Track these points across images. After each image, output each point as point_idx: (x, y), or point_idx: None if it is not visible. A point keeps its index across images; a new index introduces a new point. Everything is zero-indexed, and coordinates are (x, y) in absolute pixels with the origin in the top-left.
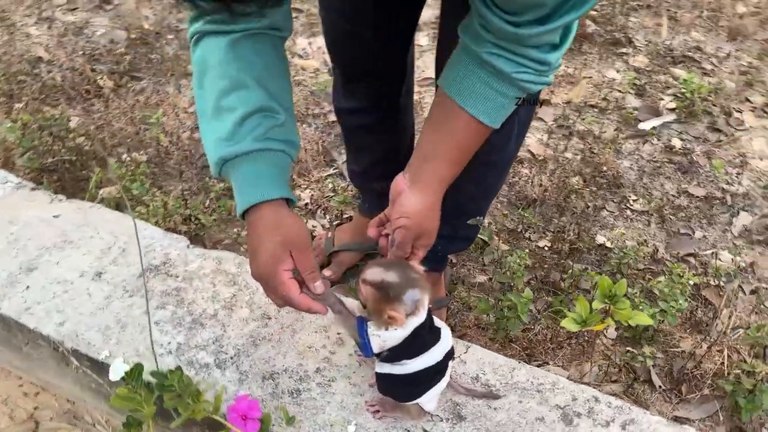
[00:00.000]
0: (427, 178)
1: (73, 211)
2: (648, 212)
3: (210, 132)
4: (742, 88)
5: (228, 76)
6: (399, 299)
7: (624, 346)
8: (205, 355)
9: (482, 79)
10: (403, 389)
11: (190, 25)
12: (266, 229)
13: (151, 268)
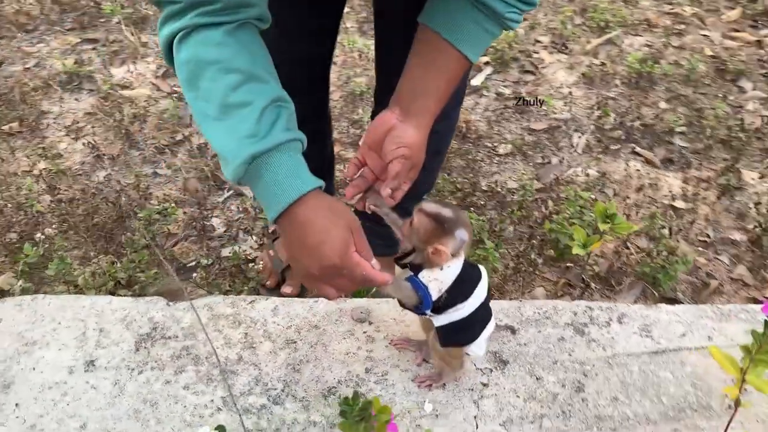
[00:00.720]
0: (421, 112)
1: (14, 310)
2: (512, 153)
3: (224, 133)
4: (529, 32)
5: (235, 69)
6: (451, 233)
7: (552, 265)
8: (255, 398)
9: (474, 19)
10: (465, 333)
11: (168, 25)
12: (328, 217)
13: (144, 338)
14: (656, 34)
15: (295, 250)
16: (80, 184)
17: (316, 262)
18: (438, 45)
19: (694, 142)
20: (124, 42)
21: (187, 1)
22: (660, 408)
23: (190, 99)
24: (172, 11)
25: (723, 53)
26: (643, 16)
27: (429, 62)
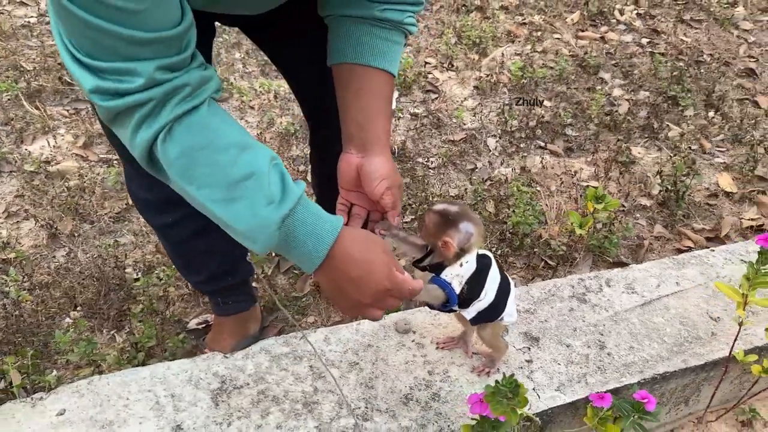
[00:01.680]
0: (375, 140)
1: (74, 398)
2: (443, 164)
3: (241, 211)
4: (417, 56)
5: (225, 145)
6: (456, 226)
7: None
8: (345, 420)
9: (380, 36)
10: (493, 312)
11: (143, 129)
12: (366, 247)
13: (217, 392)
14: (520, 43)
15: (342, 286)
16: (45, 266)
17: (367, 292)
18: (361, 73)
19: (582, 130)
20: (27, 118)
21: (157, 98)
22: (666, 346)
23: (190, 191)
24: (144, 114)
25: (579, 51)
26: (504, 29)
27: (360, 92)
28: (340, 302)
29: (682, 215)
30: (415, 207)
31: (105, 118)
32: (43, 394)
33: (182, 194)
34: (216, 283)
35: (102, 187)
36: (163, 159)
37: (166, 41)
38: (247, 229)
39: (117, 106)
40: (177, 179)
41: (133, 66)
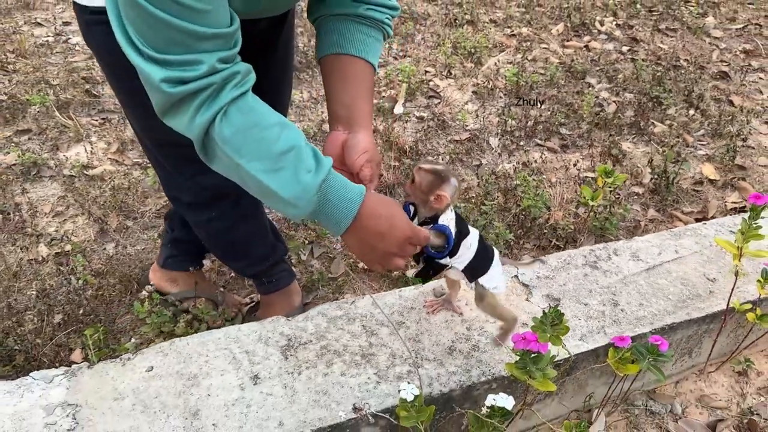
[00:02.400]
0: (359, 118)
1: (158, 356)
2: (451, 161)
3: (287, 178)
4: (418, 66)
5: (270, 124)
6: (448, 181)
7: (525, 239)
8: (399, 368)
9: (362, 31)
10: (482, 263)
11: (203, 111)
12: (385, 204)
13: (285, 348)
14: (511, 52)
15: (371, 241)
16: (97, 258)
17: (393, 242)
18: (346, 62)
19: (575, 129)
20: (59, 127)
21: (217, 83)
22: (671, 303)
23: (242, 164)
24: (206, 96)
25: (566, 59)
26: (495, 40)
27: (346, 78)
28: (370, 257)
29: (672, 200)
30: None
31: (165, 106)
32: (131, 355)
33: (231, 171)
34: (257, 266)
35: (141, 187)
36: (218, 137)
37: (225, 37)
38: (291, 195)
39: (183, 91)
40: (231, 154)
41: (198, 57)
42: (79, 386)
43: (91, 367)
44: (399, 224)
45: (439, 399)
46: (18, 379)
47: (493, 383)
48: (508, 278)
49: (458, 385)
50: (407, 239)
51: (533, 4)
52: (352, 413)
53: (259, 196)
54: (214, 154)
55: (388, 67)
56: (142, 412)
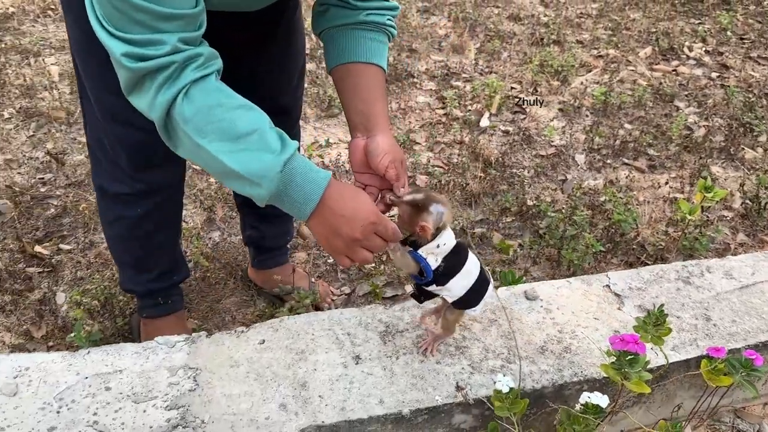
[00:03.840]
0: (376, 122)
1: (270, 331)
2: (536, 174)
3: (249, 158)
4: (504, 82)
5: (235, 105)
6: (427, 210)
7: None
8: (492, 361)
9: (367, 37)
10: (474, 296)
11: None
12: (352, 189)
13: (384, 334)
14: (597, 73)
15: (334, 226)
16: (203, 244)
17: (357, 226)
18: (356, 70)
19: (662, 151)
20: None
21: (178, 62)
22: (764, 322)
23: (203, 145)
24: (166, 76)
25: (654, 82)
26: (582, 60)
27: (358, 86)
28: (334, 244)
29: (763, 225)
30: (516, 208)
31: (129, 83)
32: (244, 328)
33: (194, 154)
34: (164, 280)
35: None
36: (179, 117)
37: (187, 18)
38: (254, 173)
39: (143, 68)
40: (193, 134)
41: (159, 37)
42: (198, 352)
43: (209, 336)
44: (363, 208)
45: (531, 395)
46: (144, 342)
47: (584, 384)
48: (600, 286)
49: (550, 383)
50: (372, 225)
51: (620, 27)
52: (447, 398)
53: (223, 178)
54: (176, 136)
55: (474, 81)
56: (255, 379)
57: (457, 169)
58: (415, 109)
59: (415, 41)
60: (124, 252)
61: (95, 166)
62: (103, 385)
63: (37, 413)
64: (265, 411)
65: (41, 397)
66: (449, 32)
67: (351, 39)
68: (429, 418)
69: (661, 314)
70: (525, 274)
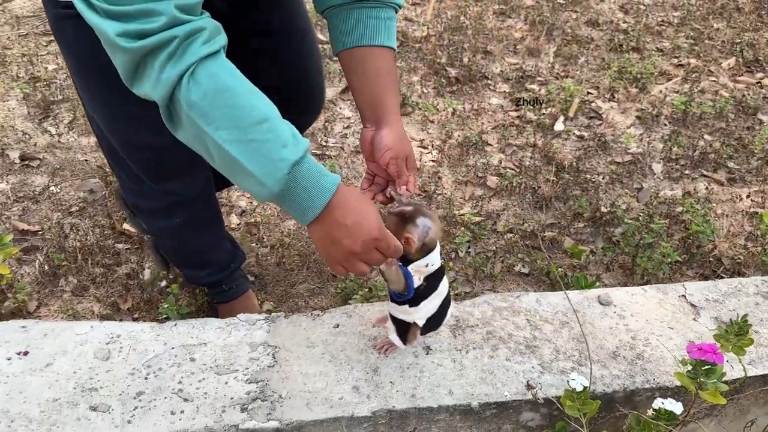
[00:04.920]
0: (385, 114)
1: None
2: (611, 181)
3: (256, 151)
4: (581, 87)
5: (245, 91)
6: (413, 222)
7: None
8: (562, 363)
9: (370, 16)
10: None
11: (169, 67)
12: (359, 199)
13: (454, 327)
14: (678, 82)
15: (335, 235)
16: (278, 232)
17: (358, 239)
18: (362, 55)
19: (743, 164)
20: None
21: (181, 37)
22: None
23: (209, 132)
24: (170, 52)
25: (737, 94)
26: (662, 69)
27: (366, 74)
28: (332, 253)
29: None
30: (589, 214)
31: (129, 68)
32: (319, 311)
33: (196, 141)
34: (219, 273)
35: None
36: (185, 100)
37: None
38: (260, 170)
39: (144, 46)
40: (197, 120)
41: (153, 6)
42: (277, 331)
43: (288, 317)
44: (368, 222)
45: (601, 398)
46: (227, 318)
47: (656, 392)
48: (676, 296)
49: (621, 387)
50: (374, 241)
51: (703, 37)
52: (516, 395)
53: (224, 170)
54: (179, 120)
55: (549, 85)
56: (330, 361)
57: (529, 171)
58: (487, 110)
59: (490, 43)
60: (176, 256)
61: (122, 185)
62: (188, 355)
63: (126, 378)
64: (339, 391)
65: (131, 364)
66: (525, 35)
67: (355, 20)
68: (497, 413)
69: (745, 324)
70: (596, 281)
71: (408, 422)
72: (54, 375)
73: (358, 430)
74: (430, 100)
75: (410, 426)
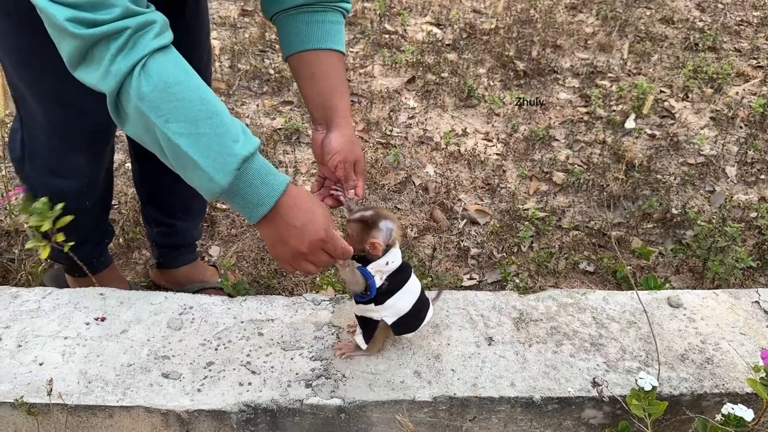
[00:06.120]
0: (334, 115)
1: None
2: (682, 182)
3: (206, 145)
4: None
5: (195, 85)
6: (377, 226)
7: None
8: (629, 362)
9: (318, 20)
10: (412, 320)
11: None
12: (310, 200)
13: (517, 320)
14: (755, 84)
15: (283, 235)
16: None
17: (306, 239)
18: (310, 59)
19: None
20: None
21: (132, 29)
22: None
23: (158, 125)
24: (120, 44)
25: None
26: (739, 69)
27: (314, 77)
28: (280, 252)
29: None
30: (659, 215)
31: (76, 54)
32: None
33: (145, 134)
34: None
35: (383, 162)
36: (135, 93)
37: None
38: (210, 164)
39: (94, 34)
40: (148, 112)
41: None
42: (341, 312)
43: (351, 299)
44: (315, 223)
45: (668, 400)
46: (293, 297)
47: (725, 397)
48: (749, 302)
49: (689, 391)
50: (320, 242)
51: None
52: (579, 392)
53: (174, 164)
54: (127, 113)
55: (620, 82)
56: (392, 345)
57: (597, 169)
58: (555, 105)
59: (560, 37)
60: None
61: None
62: (256, 330)
63: (197, 348)
64: (401, 375)
65: (202, 335)
66: (597, 30)
67: (303, 24)
68: (559, 408)
69: None
70: (665, 282)
71: (468, 410)
72: (129, 341)
73: (418, 414)
74: (497, 93)
75: (470, 414)
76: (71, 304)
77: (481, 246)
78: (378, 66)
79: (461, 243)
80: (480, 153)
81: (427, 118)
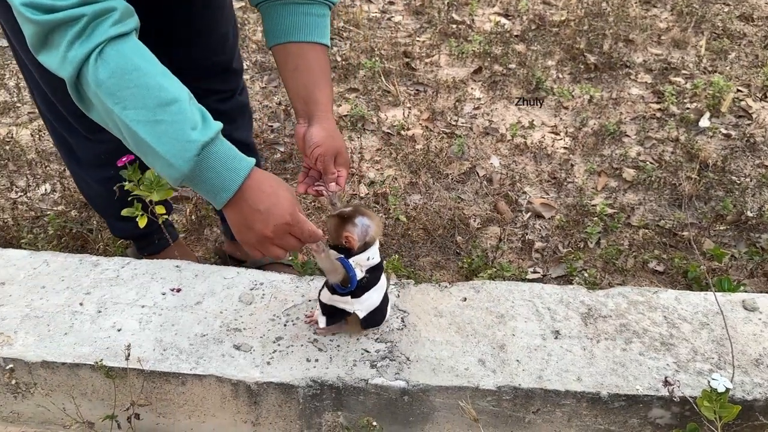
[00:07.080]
0: (316, 108)
1: (471, 291)
2: (759, 185)
3: (165, 132)
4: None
5: (154, 71)
6: (352, 222)
7: None
8: (699, 364)
9: (304, 12)
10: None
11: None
12: (275, 184)
13: (585, 315)
14: None
15: (248, 219)
16: (404, 205)
17: (270, 223)
18: (294, 51)
19: None
20: (382, 91)
21: (89, 16)
22: None
23: (116, 112)
24: (77, 31)
25: None
26: None
27: (297, 69)
28: (246, 236)
29: None
30: (732, 217)
31: (35, 39)
32: (447, 284)
33: (107, 120)
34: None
35: (448, 152)
36: (93, 79)
37: None
38: (168, 150)
39: (50, 20)
40: (105, 99)
41: None
42: (407, 297)
43: (417, 285)
44: (280, 207)
45: (740, 404)
46: None
47: None
48: None
49: (763, 396)
50: (286, 225)
51: None
52: (648, 390)
53: (135, 150)
54: (88, 99)
55: (695, 79)
56: (457, 332)
57: (669, 167)
58: (627, 100)
59: (633, 31)
60: (107, 208)
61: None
62: None
63: (267, 323)
64: (465, 362)
65: (272, 310)
66: (671, 26)
67: (288, 15)
68: (626, 406)
69: None
70: (738, 286)
71: (532, 402)
72: (203, 313)
73: (481, 402)
74: (566, 85)
75: (534, 406)
76: (148, 275)
77: (545, 240)
78: (444, 56)
79: (525, 236)
80: (547, 146)
81: (493, 109)
